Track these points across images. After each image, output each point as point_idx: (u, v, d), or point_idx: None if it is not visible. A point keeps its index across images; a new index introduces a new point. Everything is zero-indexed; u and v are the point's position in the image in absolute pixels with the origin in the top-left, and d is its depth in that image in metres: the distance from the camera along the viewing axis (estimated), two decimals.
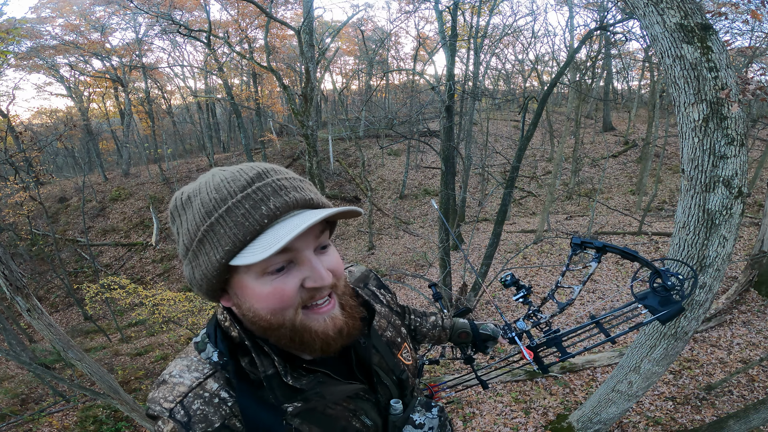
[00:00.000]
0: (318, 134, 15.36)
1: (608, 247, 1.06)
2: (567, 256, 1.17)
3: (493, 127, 23.16)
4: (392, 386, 0.80)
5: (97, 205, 19.24)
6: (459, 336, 1.22)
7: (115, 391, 3.44)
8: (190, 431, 0.57)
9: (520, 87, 26.99)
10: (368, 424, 0.73)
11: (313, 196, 0.59)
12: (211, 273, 0.57)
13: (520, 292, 1.17)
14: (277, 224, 0.55)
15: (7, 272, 2.94)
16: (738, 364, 4.43)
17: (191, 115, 30.27)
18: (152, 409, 0.60)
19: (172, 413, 0.58)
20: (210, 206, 0.56)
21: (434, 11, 9.88)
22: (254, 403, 0.60)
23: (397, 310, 0.97)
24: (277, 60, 20.72)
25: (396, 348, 0.86)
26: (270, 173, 0.59)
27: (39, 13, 19.16)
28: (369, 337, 0.77)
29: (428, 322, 1.18)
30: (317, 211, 0.57)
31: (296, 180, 0.61)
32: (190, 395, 0.59)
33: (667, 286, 0.98)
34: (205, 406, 0.59)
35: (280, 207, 0.55)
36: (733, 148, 2.05)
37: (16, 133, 14.41)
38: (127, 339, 11.00)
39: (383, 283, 0.98)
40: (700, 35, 2.02)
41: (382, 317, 0.88)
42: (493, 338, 1.22)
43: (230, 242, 0.54)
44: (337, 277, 0.63)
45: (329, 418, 0.67)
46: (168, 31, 16.38)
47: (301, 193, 0.58)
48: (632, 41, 24.62)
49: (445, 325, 1.20)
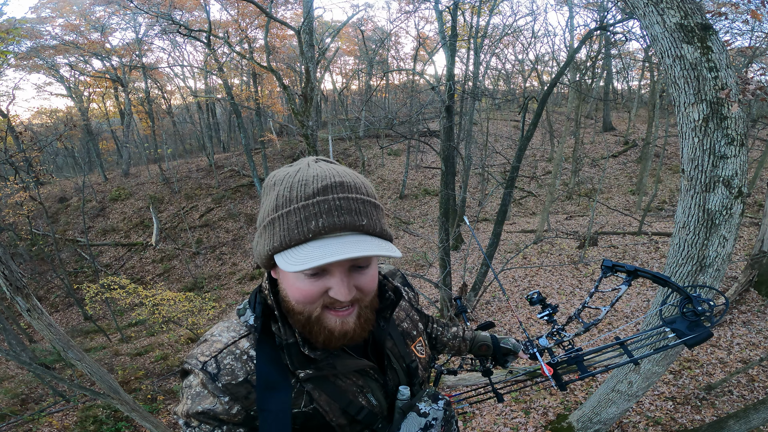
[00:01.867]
0: (318, 134, 15.37)
1: (640, 272, 1.03)
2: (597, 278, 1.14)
3: (493, 127, 23.16)
4: (401, 373, 0.84)
5: (97, 205, 19.24)
6: (479, 348, 1.23)
7: (115, 391, 3.44)
8: (216, 381, 0.66)
9: (520, 87, 26.99)
10: (373, 402, 0.78)
11: (365, 222, 0.62)
12: (263, 254, 0.66)
13: (546, 311, 1.16)
14: (322, 240, 0.61)
15: (7, 272, 2.94)
16: (738, 364, 4.43)
17: (191, 115, 30.27)
18: (188, 363, 0.69)
19: (205, 366, 0.67)
20: (280, 202, 0.63)
21: (434, 11, 9.88)
22: (269, 361, 0.69)
23: (418, 308, 1.02)
24: (277, 60, 20.71)
25: (410, 339, 0.91)
26: (336, 189, 0.62)
27: (39, 13, 19.16)
28: (388, 321, 0.81)
29: (449, 332, 1.21)
30: (362, 241, 0.61)
31: (358, 201, 0.63)
32: (224, 351, 0.69)
33: (697, 311, 0.97)
34: (235, 362, 0.68)
35: (328, 227, 0.60)
36: (733, 148, 2.05)
37: (16, 133, 14.42)
38: (127, 339, 11.00)
39: (408, 282, 1.05)
40: (700, 35, 2.02)
41: (402, 309, 0.94)
42: (514, 353, 1.22)
43: (279, 241, 0.62)
44: (364, 294, 0.68)
45: (338, 388, 0.74)
46: (168, 31, 16.38)
47: (353, 217, 0.61)
48: (632, 41, 24.63)
49: (465, 337, 1.22)
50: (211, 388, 0.65)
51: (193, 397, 0.66)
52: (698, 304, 0.97)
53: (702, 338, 0.95)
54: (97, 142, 23.45)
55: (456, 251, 11.29)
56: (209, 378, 0.66)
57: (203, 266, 16.03)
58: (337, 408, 0.73)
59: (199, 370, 0.66)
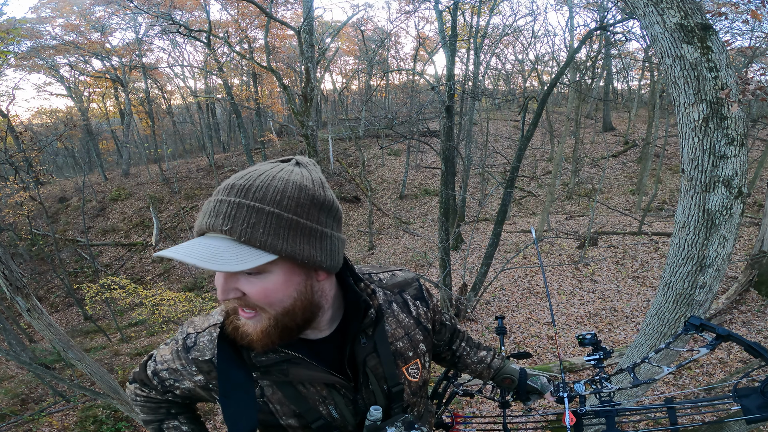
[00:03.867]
0: (318, 134, 15.36)
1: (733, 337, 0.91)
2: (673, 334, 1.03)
3: (493, 127, 23.16)
4: (379, 394, 0.79)
5: (97, 205, 19.24)
6: (503, 381, 1.15)
7: (115, 391, 3.44)
8: (187, 353, 0.75)
9: (520, 87, 26.99)
10: (334, 416, 0.76)
11: (230, 227, 0.58)
12: None
13: (595, 354, 1.07)
14: (200, 236, 0.62)
15: (7, 272, 2.94)
16: (738, 364, 4.43)
17: (191, 115, 30.25)
18: (182, 330, 0.79)
19: (187, 336, 0.77)
20: None
21: (434, 11, 9.89)
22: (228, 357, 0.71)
23: (428, 326, 0.91)
24: (277, 60, 20.72)
25: (402, 360, 0.83)
26: (223, 191, 0.61)
27: (39, 13, 19.17)
28: (371, 338, 0.77)
29: (477, 355, 1.14)
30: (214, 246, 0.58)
31: (234, 205, 0.58)
32: (207, 329, 0.77)
33: None
34: (209, 342, 0.75)
35: (199, 226, 0.62)
36: (733, 148, 2.05)
37: (16, 133, 14.40)
38: (127, 339, 11.00)
39: (424, 296, 0.93)
40: (700, 35, 2.02)
41: (401, 326, 0.85)
42: (540, 393, 1.14)
43: None
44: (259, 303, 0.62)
45: (298, 392, 0.74)
46: (168, 31, 16.38)
47: (218, 220, 0.58)
48: (632, 41, 24.63)
49: (492, 365, 1.15)
50: (182, 357, 0.76)
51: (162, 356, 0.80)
52: None
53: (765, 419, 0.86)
54: (97, 142, 23.46)
55: (456, 251, 11.30)
56: (183, 348, 0.76)
57: None
58: (290, 410, 0.74)
59: (180, 337, 0.77)
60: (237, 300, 0.63)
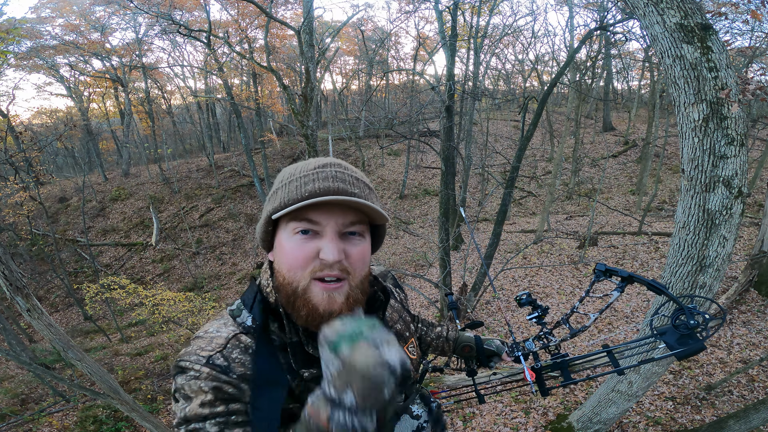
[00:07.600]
0: (318, 134, 15.38)
1: (635, 278, 1.00)
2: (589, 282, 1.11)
3: (493, 127, 23.16)
4: None
5: (97, 205, 19.23)
6: (463, 349, 1.22)
7: (115, 391, 3.44)
8: (230, 373, 0.64)
9: (520, 87, 26.99)
10: None
11: (357, 192, 0.67)
12: (262, 224, 0.71)
13: (535, 312, 1.14)
14: (317, 199, 0.64)
15: (7, 272, 2.94)
16: (738, 364, 4.43)
17: (191, 115, 30.26)
18: (185, 360, 0.65)
19: (211, 359, 0.64)
20: (284, 176, 0.71)
21: (434, 11, 9.88)
22: (269, 356, 0.69)
23: (408, 310, 1.03)
24: (277, 60, 20.71)
25: (403, 340, 0.92)
26: (333, 165, 0.70)
27: (39, 13, 19.15)
28: (382, 320, 0.81)
29: (433, 332, 1.21)
30: (350, 198, 0.64)
31: (352, 177, 0.69)
32: (229, 345, 0.67)
33: (689, 325, 0.93)
34: (243, 355, 0.67)
35: (322, 189, 0.64)
36: (733, 148, 2.05)
37: (16, 133, 14.39)
38: (127, 339, 11.00)
39: (399, 284, 1.06)
40: (700, 35, 2.02)
41: (395, 311, 0.95)
42: (497, 354, 1.20)
43: (279, 202, 0.67)
44: (353, 267, 0.68)
45: None
46: (168, 31, 16.37)
47: (347, 185, 0.67)
48: (632, 41, 24.61)
49: (449, 337, 1.22)
50: (224, 381, 0.63)
51: (196, 393, 0.62)
52: (691, 316, 0.93)
53: (693, 352, 0.91)
54: (97, 142, 23.45)
55: (456, 251, 11.29)
56: (221, 371, 0.63)
57: (203, 266, 16.03)
58: None
59: (203, 366, 0.63)
60: (338, 264, 0.65)
